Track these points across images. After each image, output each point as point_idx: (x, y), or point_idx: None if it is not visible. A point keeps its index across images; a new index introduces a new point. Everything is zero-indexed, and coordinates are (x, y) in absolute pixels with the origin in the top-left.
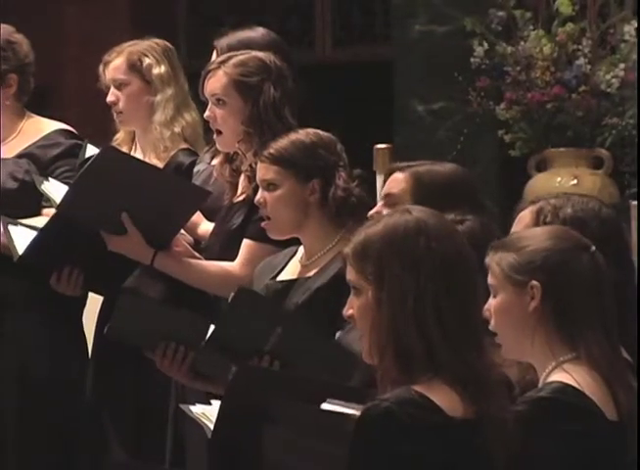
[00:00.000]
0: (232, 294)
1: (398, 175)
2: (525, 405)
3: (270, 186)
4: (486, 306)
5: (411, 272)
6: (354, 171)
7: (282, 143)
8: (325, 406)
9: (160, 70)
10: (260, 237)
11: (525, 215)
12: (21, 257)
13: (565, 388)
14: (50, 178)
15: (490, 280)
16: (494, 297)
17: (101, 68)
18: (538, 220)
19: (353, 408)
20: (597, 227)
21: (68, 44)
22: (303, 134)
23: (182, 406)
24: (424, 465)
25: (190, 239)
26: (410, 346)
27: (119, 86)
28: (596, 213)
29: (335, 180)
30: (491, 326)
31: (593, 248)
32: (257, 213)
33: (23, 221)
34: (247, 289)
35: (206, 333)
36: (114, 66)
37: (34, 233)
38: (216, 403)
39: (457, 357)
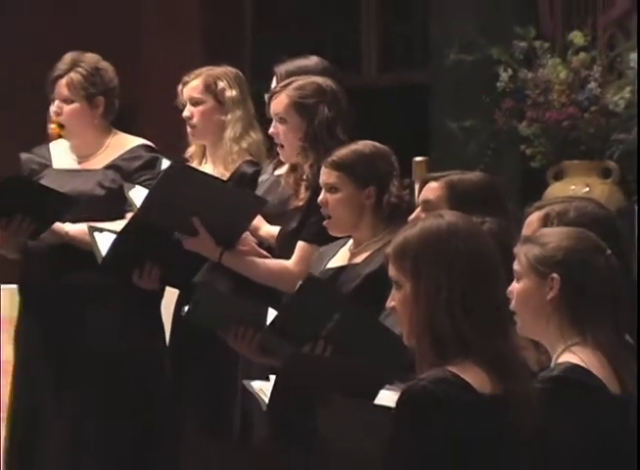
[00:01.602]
0: (300, 282)
1: (434, 184)
2: (540, 383)
3: (332, 189)
4: (510, 288)
5: (443, 269)
6: (405, 180)
7: (344, 152)
8: (381, 395)
9: (231, 93)
10: (313, 239)
11: (532, 221)
12: (103, 259)
13: (574, 367)
14: (137, 185)
15: (516, 267)
16: (517, 281)
17: (180, 87)
18: (546, 226)
19: None
20: (596, 227)
21: (149, 70)
22: (363, 145)
23: (244, 382)
24: (458, 437)
25: (255, 240)
26: (444, 333)
27: (195, 104)
28: (595, 215)
29: (389, 187)
30: (512, 306)
31: (608, 251)
32: (311, 218)
33: (107, 227)
34: (314, 277)
35: (266, 318)
36: (192, 86)
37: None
38: (273, 379)
39: (485, 342)
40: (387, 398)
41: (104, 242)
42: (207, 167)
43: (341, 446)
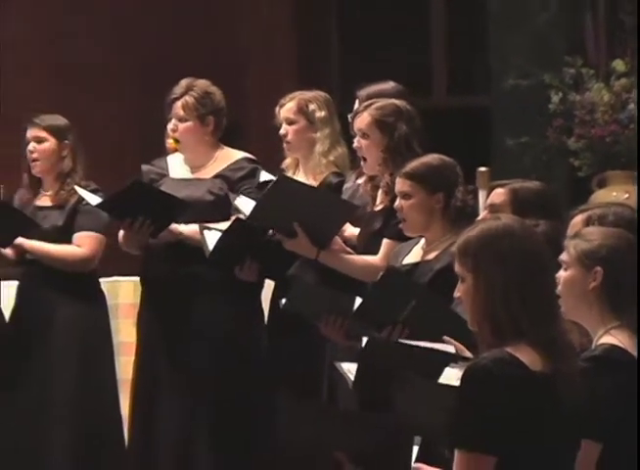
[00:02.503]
0: (380, 273)
1: (499, 190)
2: (583, 362)
3: (405, 196)
4: (557, 275)
5: (500, 265)
6: (469, 187)
7: (415, 164)
8: (445, 373)
9: (321, 114)
10: (397, 237)
11: (577, 223)
12: (211, 253)
13: (613, 348)
14: (241, 195)
15: (564, 257)
16: (565, 270)
17: (277, 108)
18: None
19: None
20: (630, 229)
21: (251, 94)
22: (431, 158)
23: (335, 363)
24: (514, 409)
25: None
26: (501, 320)
27: (290, 123)
28: (630, 219)
29: (455, 193)
30: (557, 290)
31: None
32: (394, 219)
33: (216, 226)
34: (393, 269)
35: (352, 307)
36: (287, 108)
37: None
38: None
39: (537, 327)
40: (451, 375)
41: (211, 239)
42: (300, 177)
43: (413, 420)
